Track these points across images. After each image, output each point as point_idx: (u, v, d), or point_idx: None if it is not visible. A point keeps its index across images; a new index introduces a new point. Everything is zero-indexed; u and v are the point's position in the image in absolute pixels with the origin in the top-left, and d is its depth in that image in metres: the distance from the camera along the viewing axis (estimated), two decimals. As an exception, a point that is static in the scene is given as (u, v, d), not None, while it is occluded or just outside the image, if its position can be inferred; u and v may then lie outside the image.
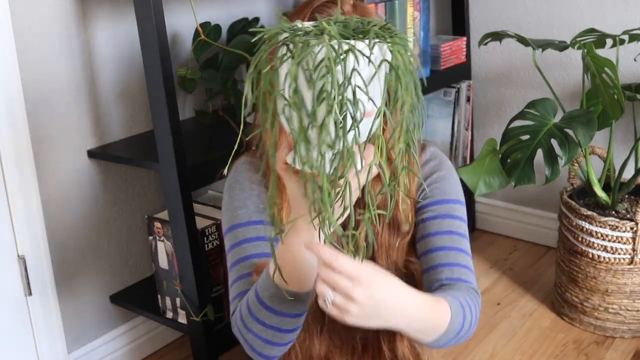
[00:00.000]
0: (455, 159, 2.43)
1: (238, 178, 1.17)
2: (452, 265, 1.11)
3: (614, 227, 1.86)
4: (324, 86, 0.72)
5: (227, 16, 2.00)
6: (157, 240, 1.71)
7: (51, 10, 1.65)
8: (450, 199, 1.16)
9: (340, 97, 0.73)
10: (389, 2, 2.05)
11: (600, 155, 2.01)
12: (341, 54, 0.73)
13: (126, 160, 1.71)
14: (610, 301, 1.94)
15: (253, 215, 1.13)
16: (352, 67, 0.73)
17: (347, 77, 0.73)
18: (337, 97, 0.73)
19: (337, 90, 0.73)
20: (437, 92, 2.40)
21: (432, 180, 1.17)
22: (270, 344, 1.02)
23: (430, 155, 1.19)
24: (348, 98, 0.74)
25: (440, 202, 1.15)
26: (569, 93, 2.30)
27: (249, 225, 1.13)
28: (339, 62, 0.72)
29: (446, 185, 1.17)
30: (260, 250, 1.11)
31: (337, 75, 0.73)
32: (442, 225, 1.14)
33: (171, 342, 2.05)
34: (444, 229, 1.13)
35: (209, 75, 1.80)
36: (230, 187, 1.18)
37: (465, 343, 1.96)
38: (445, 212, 1.15)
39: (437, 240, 1.13)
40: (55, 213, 1.73)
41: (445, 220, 1.14)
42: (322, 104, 0.73)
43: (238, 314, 1.04)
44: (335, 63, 0.72)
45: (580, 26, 2.21)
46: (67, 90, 1.71)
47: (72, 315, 1.82)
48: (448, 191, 1.17)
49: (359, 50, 0.74)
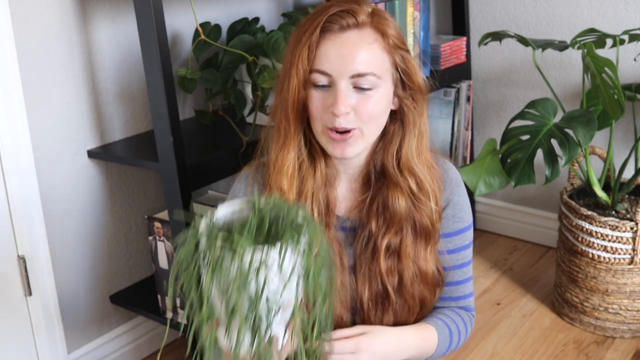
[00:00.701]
0: (455, 159, 2.43)
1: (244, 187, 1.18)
2: (458, 299, 1.23)
3: (614, 227, 1.86)
4: (235, 303, 0.77)
5: (227, 16, 2.00)
6: (157, 240, 1.71)
7: (51, 10, 1.65)
8: (465, 227, 1.20)
9: (252, 311, 0.78)
10: (389, 2, 2.05)
11: (600, 155, 2.01)
12: (251, 271, 0.77)
13: (126, 160, 1.71)
14: (610, 301, 1.94)
15: None
16: (262, 282, 0.77)
17: (258, 294, 0.77)
18: (250, 312, 0.78)
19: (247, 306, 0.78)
20: (437, 92, 2.40)
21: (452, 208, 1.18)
22: None
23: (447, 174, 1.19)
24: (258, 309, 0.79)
25: (457, 233, 1.19)
26: (569, 93, 2.30)
27: None
28: (249, 280, 0.77)
29: (463, 213, 1.20)
30: None
31: (248, 291, 0.77)
32: (456, 260, 1.20)
33: (171, 342, 2.05)
34: (457, 262, 1.21)
35: (209, 75, 1.79)
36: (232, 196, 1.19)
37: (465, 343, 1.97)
38: (461, 244, 1.20)
39: (449, 275, 1.21)
40: (55, 213, 1.73)
41: (460, 253, 1.20)
42: (235, 315, 0.78)
43: None
44: (246, 284, 0.76)
45: (580, 26, 2.21)
46: (67, 90, 1.71)
47: (72, 315, 1.82)
48: (465, 218, 1.20)
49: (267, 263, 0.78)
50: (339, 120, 1.04)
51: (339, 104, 1.03)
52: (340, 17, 1.04)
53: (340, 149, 1.07)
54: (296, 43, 1.06)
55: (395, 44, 1.08)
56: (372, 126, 1.08)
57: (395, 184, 1.11)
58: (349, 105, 1.04)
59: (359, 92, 1.05)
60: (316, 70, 1.05)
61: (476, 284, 2.22)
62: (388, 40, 1.07)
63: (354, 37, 1.04)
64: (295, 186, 1.10)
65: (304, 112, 1.08)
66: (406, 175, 1.11)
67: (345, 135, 1.06)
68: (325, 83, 1.05)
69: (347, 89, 1.04)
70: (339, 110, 1.03)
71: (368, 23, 1.05)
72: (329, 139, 1.07)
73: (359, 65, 1.03)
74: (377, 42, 1.05)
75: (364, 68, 1.03)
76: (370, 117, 1.06)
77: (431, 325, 1.17)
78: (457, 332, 1.21)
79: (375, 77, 1.04)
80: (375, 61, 1.05)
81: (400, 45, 1.09)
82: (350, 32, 1.04)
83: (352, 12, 1.04)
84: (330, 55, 1.04)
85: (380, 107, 1.07)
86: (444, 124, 2.40)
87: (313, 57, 1.04)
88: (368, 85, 1.04)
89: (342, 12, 1.04)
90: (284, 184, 1.09)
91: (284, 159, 1.09)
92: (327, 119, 1.05)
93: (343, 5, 1.05)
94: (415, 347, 1.14)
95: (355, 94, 1.05)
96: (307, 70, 1.05)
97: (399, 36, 1.09)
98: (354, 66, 1.03)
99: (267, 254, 0.78)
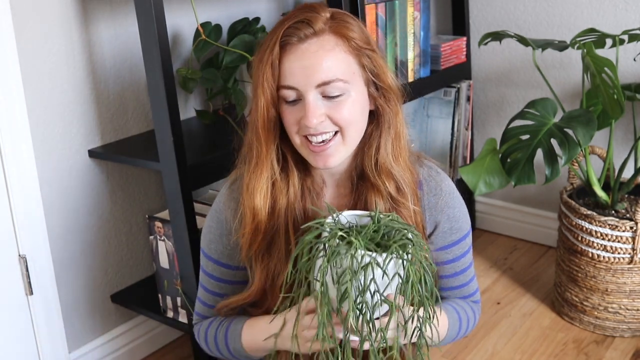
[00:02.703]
0: (455, 158, 2.43)
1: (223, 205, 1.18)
2: (464, 298, 1.25)
3: (614, 227, 1.86)
4: (346, 289, 0.92)
5: (228, 16, 2.00)
6: (158, 239, 1.71)
7: (52, 9, 1.65)
8: (462, 236, 1.19)
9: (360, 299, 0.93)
10: (389, 2, 2.05)
11: (600, 155, 2.02)
12: (362, 266, 0.92)
13: (127, 160, 1.71)
14: (610, 300, 1.94)
15: (223, 256, 1.19)
16: (370, 277, 0.92)
17: (366, 285, 0.92)
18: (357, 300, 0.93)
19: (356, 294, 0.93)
20: (437, 92, 2.40)
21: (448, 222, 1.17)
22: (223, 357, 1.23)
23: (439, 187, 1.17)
24: (365, 299, 0.93)
25: (455, 243, 1.19)
26: (569, 93, 2.30)
27: (217, 264, 1.20)
28: (360, 272, 0.92)
29: (460, 223, 1.18)
30: (223, 291, 1.22)
31: (357, 282, 0.92)
32: (457, 267, 1.21)
33: (172, 341, 2.06)
34: (459, 269, 1.21)
35: (210, 75, 1.80)
36: (212, 213, 1.20)
37: (465, 342, 1.97)
38: (460, 253, 1.20)
39: (452, 281, 1.22)
40: (56, 212, 1.74)
41: (460, 260, 1.21)
42: (345, 300, 0.93)
43: (203, 334, 1.23)
44: (357, 275, 0.92)
45: (580, 26, 2.22)
46: (68, 90, 1.72)
47: (72, 314, 1.82)
48: (462, 227, 1.19)
49: (377, 263, 0.92)
50: (316, 128, 1.04)
51: (309, 117, 1.02)
52: (296, 28, 1.02)
53: (322, 160, 1.06)
54: (259, 62, 1.05)
55: (359, 45, 1.05)
56: (352, 131, 1.07)
57: (373, 186, 1.10)
58: (320, 115, 1.03)
59: (330, 100, 1.04)
60: (282, 86, 1.04)
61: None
62: (350, 42, 1.04)
63: (314, 46, 1.02)
64: (268, 205, 1.10)
65: (276, 131, 1.08)
66: (384, 179, 1.10)
67: (324, 146, 1.05)
68: (294, 97, 1.04)
69: (316, 100, 1.03)
70: (310, 122, 1.02)
71: (326, 30, 1.03)
72: (310, 151, 1.07)
73: (323, 74, 1.02)
74: (339, 47, 1.03)
75: (329, 75, 1.02)
76: (347, 123, 1.05)
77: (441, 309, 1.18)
78: (466, 318, 1.21)
79: (342, 82, 1.03)
80: (339, 66, 1.03)
81: (365, 45, 1.06)
82: (309, 41, 1.02)
83: (307, 21, 1.03)
84: (293, 69, 1.02)
85: (355, 111, 1.06)
86: (444, 123, 2.41)
87: (277, 74, 1.03)
88: (337, 92, 1.03)
89: (298, 23, 1.03)
90: (256, 204, 1.09)
91: (257, 180, 1.09)
92: (303, 129, 1.05)
93: (299, 16, 1.04)
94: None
95: (326, 103, 1.04)
96: (274, 88, 1.04)
97: (362, 37, 1.06)
98: (318, 75, 1.01)
99: (374, 258, 0.93)
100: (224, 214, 1.17)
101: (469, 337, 1.99)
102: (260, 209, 1.10)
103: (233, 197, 1.16)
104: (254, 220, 1.10)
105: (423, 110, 2.46)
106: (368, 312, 0.93)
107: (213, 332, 1.20)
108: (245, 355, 1.16)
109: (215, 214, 1.19)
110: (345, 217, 1.02)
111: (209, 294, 1.23)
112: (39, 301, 1.71)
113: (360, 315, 0.93)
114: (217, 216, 1.18)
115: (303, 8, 1.06)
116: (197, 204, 1.75)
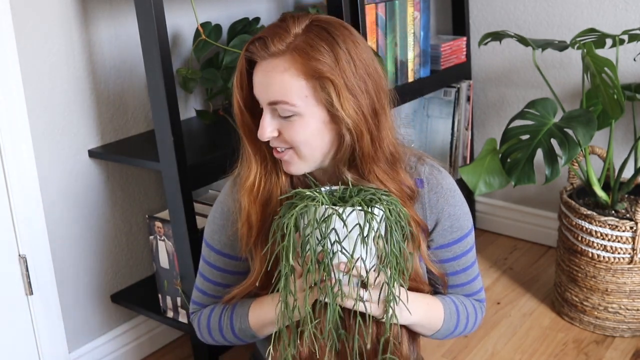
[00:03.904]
0: (455, 158, 2.43)
1: (226, 196, 1.21)
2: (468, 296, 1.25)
3: (614, 227, 1.86)
4: (308, 240, 0.99)
5: (228, 16, 2.00)
6: (158, 239, 1.71)
7: (52, 10, 1.65)
8: (464, 234, 1.19)
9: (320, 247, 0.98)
10: (389, 2, 2.06)
11: (600, 155, 2.02)
12: (324, 218, 0.97)
13: (127, 160, 1.71)
14: (610, 300, 1.94)
15: (225, 247, 1.20)
16: (332, 227, 0.97)
17: (326, 235, 0.97)
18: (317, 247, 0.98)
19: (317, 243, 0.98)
20: (437, 92, 2.40)
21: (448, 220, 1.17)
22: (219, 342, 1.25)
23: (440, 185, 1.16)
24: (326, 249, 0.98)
25: (457, 242, 1.19)
26: (569, 93, 2.30)
27: (219, 254, 1.22)
28: (322, 222, 0.97)
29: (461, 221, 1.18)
30: (225, 281, 1.23)
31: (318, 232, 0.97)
32: (459, 265, 1.20)
33: (172, 341, 2.06)
34: (461, 267, 1.21)
35: (210, 75, 1.80)
36: (216, 204, 1.23)
37: (465, 342, 1.97)
38: (462, 251, 1.20)
39: (454, 280, 1.22)
40: (56, 212, 1.74)
41: (462, 259, 1.20)
42: (307, 251, 0.99)
43: (205, 321, 1.24)
44: (319, 223, 0.97)
45: (580, 26, 2.22)
46: (68, 90, 1.72)
47: (72, 314, 1.82)
48: (463, 225, 1.19)
49: (338, 214, 0.97)
50: (272, 142, 1.08)
51: (261, 131, 1.06)
52: (255, 46, 1.04)
53: (286, 166, 1.10)
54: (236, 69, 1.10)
55: (318, 70, 1.00)
56: (305, 150, 1.06)
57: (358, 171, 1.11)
58: (271, 131, 1.06)
59: (283, 119, 1.05)
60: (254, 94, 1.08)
61: (476, 284, 2.23)
62: (308, 66, 1.01)
63: (269, 65, 1.03)
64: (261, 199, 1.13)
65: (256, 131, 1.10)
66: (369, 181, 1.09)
67: (282, 154, 1.09)
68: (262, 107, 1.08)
69: (271, 115, 1.06)
70: (261, 136, 1.06)
71: (285, 51, 1.02)
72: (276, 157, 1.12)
73: (272, 95, 1.03)
74: (291, 70, 1.01)
75: (276, 96, 1.03)
76: (297, 143, 1.05)
77: (438, 299, 1.18)
78: (466, 314, 1.21)
79: (288, 105, 1.02)
80: (288, 89, 1.02)
81: (327, 72, 1.00)
82: (267, 61, 1.03)
83: (265, 41, 1.02)
84: (255, 82, 1.06)
85: (305, 133, 1.04)
86: (444, 123, 2.41)
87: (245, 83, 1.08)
88: (287, 112, 1.04)
89: (259, 40, 1.03)
90: (247, 197, 1.13)
91: (248, 175, 1.13)
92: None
93: (266, 32, 1.04)
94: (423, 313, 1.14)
95: (279, 120, 1.06)
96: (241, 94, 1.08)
97: (330, 61, 1.01)
98: (267, 95, 1.04)
99: (335, 209, 0.97)
100: (227, 205, 1.19)
101: (469, 337, 1.99)
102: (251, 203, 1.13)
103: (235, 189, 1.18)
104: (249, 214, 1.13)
105: (423, 110, 2.46)
106: (327, 260, 0.97)
107: (217, 317, 1.21)
108: (250, 334, 1.18)
109: (219, 205, 1.21)
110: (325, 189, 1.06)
111: (210, 284, 1.24)
112: (39, 301, 1.71)
113: (319, 265, 0.98)
114: (220, 207, 1.21)
115: (276, 23, 1.06)
116: (197, 204, 1.75)
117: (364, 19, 1.94)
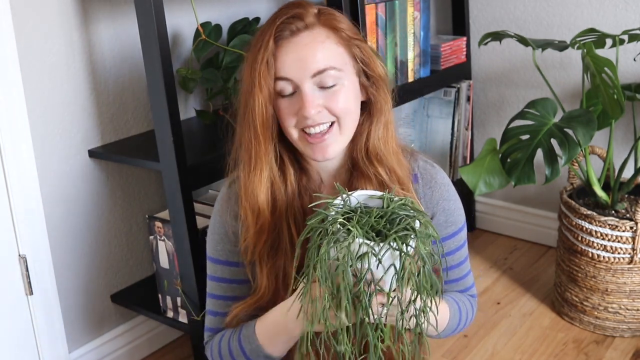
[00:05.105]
0: (455, 158, 2.43)
1: (221, 207, 1.19)
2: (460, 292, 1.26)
3: (614, 227, 1.86)
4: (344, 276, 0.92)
5: (228, 16, 2.00)
6: (158, 239, 1.71)
7: (52, 9, 1.65)
8: (458, 229, 1.20)
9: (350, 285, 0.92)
10: (389, 2, 2.06)
11: (600, 155, 2.02)
12: (359, 256, 0.91)
13: (127, 160, 1.71)
14: (610, 300, 1.94)
15: (231, 255, 1.18)
16: (366, 267, 0.91)
17: (363, 275, 0.91)
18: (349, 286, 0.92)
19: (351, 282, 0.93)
20: (437, 92, 2.40)
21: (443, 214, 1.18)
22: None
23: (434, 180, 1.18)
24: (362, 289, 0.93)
25: (451, 236, 1.20)
26: (569, 93, 2.30)
27: (226, 265, 1.19)
28: (357, 261, 0.91)
29: (455, 216, 1.19)
30: (236, 293, 1.20)
31: (353, 268, 0.92)
32: (453, 260, 1.22)
33: (172, 341, 2.06)
34: (454, 262, 1.22)
35: (210, 75, 1.80)
36: (215, 213, 1.21)
37: (465, 342, 1.97)
38: (455, 246, 1.21)
39: (449, 275, 1.23)
40: (56, 212, 1.74)
41: (456, 254, 1.22)
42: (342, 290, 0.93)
43: (217, 348, 1.19)
44: (354, 262, 0.91)
45: (580, 26, 2.22)
46: (68, 90, 1.72)
47: (72, 314, 1.82)
48: (457, 220, 1.20)
49: (373, 253, 0.91)
50: (313, 118, 1.06)
51: (307, 107, 1.04)
52: (288, 23, 1.06)
53: (321, 151, 1.08)
54: (253, 62, 1.07)
55: (349, 35, 1.09)
56: (348, 120, 1.09)
57: (363, 175, 1.12)
58: (317, 105, 1.05)
59: (325, 91, 1.06)
60: (279, 78, 1.06)
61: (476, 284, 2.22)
62: (340, 33, 1.08)
63: (306, 38, 1.05)
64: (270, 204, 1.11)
65: (274, 128, 1.09)
66: (375, 165, 1.12)
67: (322, 137, 1.07)
68: (290, 91, 1.07)
69: (312, 90, 1.06)
70: (308, 112, 1.04)
71: (316, 23, 1.07)
72: (307, 144, 1.08)
73: (317, 64, 1.05)
74: (330, 38, 1.07)
75: (323, 64, 1.05)
76: (344, 112, 1.08)
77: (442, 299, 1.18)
78: (465, 311, 1.23)
79: (335, 70, 1.06)
80: (332, 56, 1.06)
81: (354, 36, 1.10)
82: (302, 34, 1.06)
83: (298, 16, 1.06)
84: (288, 61, 1.05)
85: (350, 99, 1.08)
86: (444, 123, 2.41)
87: (273, 70, 1.06)
88: (331, 81, 1.06)
89: (289, 18, 1.06)
90: (260, 203, 1.10)
91: (258, 181, 1.10)
92: (301, 122, 1.07)
93: (288, 12, 1.07)
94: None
95: (321, 94, 1.06)
96: (271, 84, 1.06)
97: (351, 28, 1.10)
98: (313, 65, 1.04)
99: (371, 247, 0.92)
100: (224, 216, 1.18)
101: (469, 337, 1.99)
102: (263, 209, 1.11)
103: (232, 199, 1.17)
104: (258, 220, 1.11)
105: (423, 110, 2.46)
106: (364, 300, 0.94)
107: (226, 341, 1.18)
108: (264, 354, 1.13)
109: (217, 217, 1.20)
110: (355, 197, 1.01)
111: (221, 301, 1.21)
112: (39, 301, 1.71)
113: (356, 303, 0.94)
114: (218, 218, 1.20)
115: (290, 5, 1.09)
116: (197, 204, 1.75)
117: (364, 19, 1.94)
